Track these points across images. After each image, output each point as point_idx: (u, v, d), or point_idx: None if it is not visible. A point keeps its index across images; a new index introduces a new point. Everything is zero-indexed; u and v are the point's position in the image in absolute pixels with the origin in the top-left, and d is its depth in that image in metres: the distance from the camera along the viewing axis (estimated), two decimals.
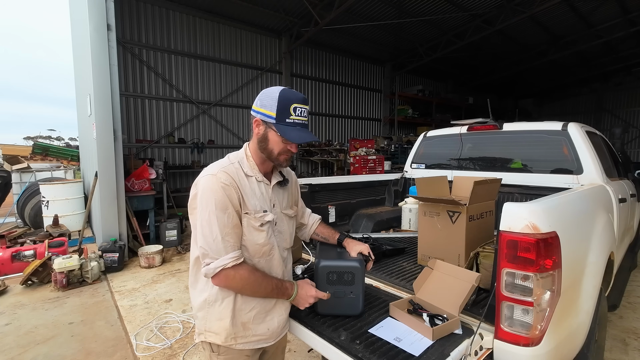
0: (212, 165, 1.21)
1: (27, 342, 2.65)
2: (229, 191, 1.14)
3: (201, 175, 1.18)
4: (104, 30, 4.19)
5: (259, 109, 1.20)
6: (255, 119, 1.22)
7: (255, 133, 1.23)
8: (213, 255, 1.11)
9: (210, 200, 1.11)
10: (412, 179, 3.40)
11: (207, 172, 1.17)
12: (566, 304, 1.28)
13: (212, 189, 1.12)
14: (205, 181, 1.14)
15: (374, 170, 7.64)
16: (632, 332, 2.71)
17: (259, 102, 1.20)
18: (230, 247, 1.13)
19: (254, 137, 1.25)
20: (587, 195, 1.81)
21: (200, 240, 1.12)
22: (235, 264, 1.13)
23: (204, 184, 1.14)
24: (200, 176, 1.18)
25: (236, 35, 9.21)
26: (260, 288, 1.20)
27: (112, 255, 4.09)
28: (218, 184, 1.13)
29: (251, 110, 1.24)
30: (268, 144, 1.22)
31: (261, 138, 1.22)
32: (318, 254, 1.49)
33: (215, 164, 1.22)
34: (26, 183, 7.28)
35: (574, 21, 9.53)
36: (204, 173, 1.18)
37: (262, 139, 1.22)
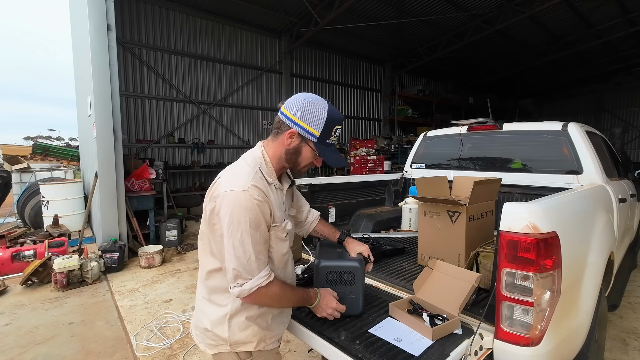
0: (237, 176, 1.10)
1: (27, 342, 2.65)
2: (263, 208, 1.08)
3: (227, 189, 1.06)
4: (104, 30, 4.20)
5: (299, 122, 1.12)
6: (292, 131, 1.13)
7: (286, 143, 1.15)
8: (246, 276, 1.06)
9: (243, 219, 1.03)
10: (412, 179, 3.40)
11: (236, 187, 1.06)
12: (566, 304, 1.28)
13: (245, 207, 1.04)
14: (235, 198, 1.04)
15: (374, 170, 7.65)
16: (632, 332, 2.71)
17: (300, 114, 1.12)
18: (262, 264, 1.09)
19: (281, 145, 1.17)
20: (587, 195, 1.80)
21: (233, 262, 1.05)
22: (269, 282, 1.10)
23: (235, 201, 1.04)
24: (226, 189, 1.06)
25: (236, 35, 9.21)
26: (289, 301, 1.21)
27: (112, 255, 4.09)
28: (251, 201, 1.05)
29: (283, 115, 1.15)
30: (299, 157, 1.18)
31: (292, 150, 1.16)
32: (318, 254, 1.49)
33: (239, 174, 1.12)
34: (26, 183, 7.28)
35: (574, 21, 9.53)
36: (230, 186, 1.07)
37: (293, 152, 1.16)
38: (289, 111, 1.14)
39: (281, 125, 1.16)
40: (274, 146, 1.19)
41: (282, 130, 1.16)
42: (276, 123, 1.18)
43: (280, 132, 1.17)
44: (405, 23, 9.25)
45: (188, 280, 3.87)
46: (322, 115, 1.13)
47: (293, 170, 1.24)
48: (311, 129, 1.12)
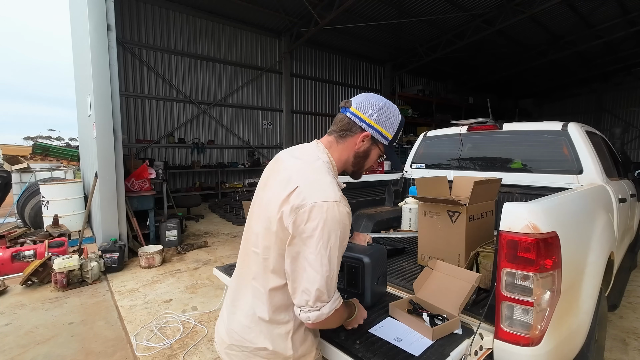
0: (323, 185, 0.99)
1: (27, 342, 2.65)
2: (349, 220, 0.99)
3: (317, 200, 0.93)
4: (104, 30, 4.19)
5: (375, 125, 1.08)
6: (366, 134, 1.09)
7: (357, 147, 1.10)
8: (326, 298, 0.95)
9: (334, 233, 0.93)
10: (412, 179, 3.40)
11: (326, 198, 0.94)
12: (566, 304, 1.28)
13: (338, 220, 0.94)
14: (328, 210, 0.93)
15: (374, 170, 7.63)
16: (632, 332, 2.71)
17: (377, 117, 1.08)
18: (336, 283, 0.99)
19: (350, 148, 1.11)
20: (587, 195, 1.81)
21: (317, 281, 0.92)
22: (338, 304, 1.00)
23: (328, 213, 0.92)
24: (316, 200, 0.93)
25: (236, 35, 9.22)
26: (343, 317, 1.11)
27: (112, 256, 4.09)
28: (344, 214, 0.96)
29: (356, 117, 1.09)
30: (367, 160, 1.14)
31: (362, 154, 1.12)
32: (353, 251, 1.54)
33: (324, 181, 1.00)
34: (26, 183, 7.28)
35: (574, 21, 9.53)
36: (320, 197, 0.94)
37: (363, 155, 1.12)
38: (364, 113, 1.08)
39: (352, 127, 1.10)
40: (340, 149, 1.12)
41: (353, 133, 1.10)
42: (344, 124, 1.11)
43: (351, 135, 1.10)
44: (405, 23, 9.26)
45: (188, 280, 3.87)
46: (397, 119, 1.12)
47: (355, 174, 1.20)
48: (386, 132, 1.10)
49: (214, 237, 5.80)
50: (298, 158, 1.10)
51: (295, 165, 1.06)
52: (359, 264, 1.46)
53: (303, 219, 0.92)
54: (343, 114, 1.12)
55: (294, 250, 0.95)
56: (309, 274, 0.93)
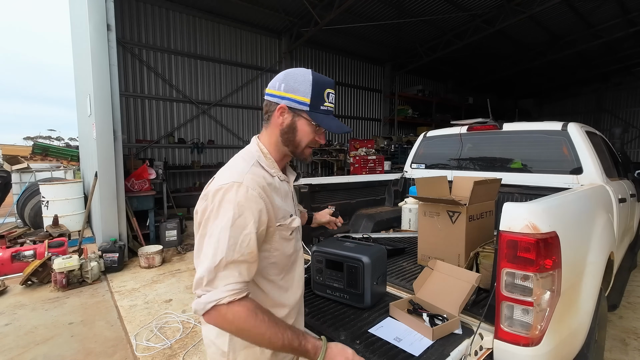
0: (230, 170, 0.96)
1: (27, 343, 2.65)
2: (257, 204, 0.91)
3: (218, 184, 0.91)
4: (104, 30, 4.19)
5: (284, 94, 1.00)
6: (280, 106, 1.01)
7: (278, 123, 1.03)
8: (206, 286, 0.85)
9: (227, 213, 0.87)
10: (412, 179, 3.40)
11: (229, 179, 0.91)
12: (566, 304, 1.28)
13: (233, 200, 0.88)
14: (225, 191, 0.89)
15: (374, 170, 7.64)
16: (632, 332, 2.71)
17: (284, 85, 1.00)
18: (233, 277, 0.86)
19: (274, 128, 1.04)
20: (587, 196, 1.81)
21: (202, 264, 0.86)
22: (232, 300, 0.84)
23: (224, 194, 0.89)
24: (216, 185, 0.91)
25: (236, 35, 9.21)
26: (264, 337, 0.86)
27: (112, 256, 4.09)
28: (245, 195, 0.89)
29: (268, 95, 1.04)
30: (296, 135, 1.03)
31: (287, 129, 1.02)
32: (344, 249, 1.56)
33: (233, 167, 0.98)
34: (26, 183, 7.28)
35: (574, 21, 9.53)
36: (222, 180, 0.92)
37: (288, 130, 1.03)
38: (273, 88, 1.03)
39: (270, 107, 1.04)
40: (267, 133, 1.06)
41: (272, 111, 1.04)
42: (265, 107, 1.06)
43: (271, 114, 1.04)
44: (405, 23, 9.26)
45: (188, 280, 3.87)
46: (308, 79, 1.00)
47: (296, 155, 1.08)
48: (299, 97, 1.00)
49: None
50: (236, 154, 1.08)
51: None
52: (358, 264, 1.46)
53: (208, 204, 0.91)
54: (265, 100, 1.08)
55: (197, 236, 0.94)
56: (199, 255, 0.89)
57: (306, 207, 2.51)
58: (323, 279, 1.60)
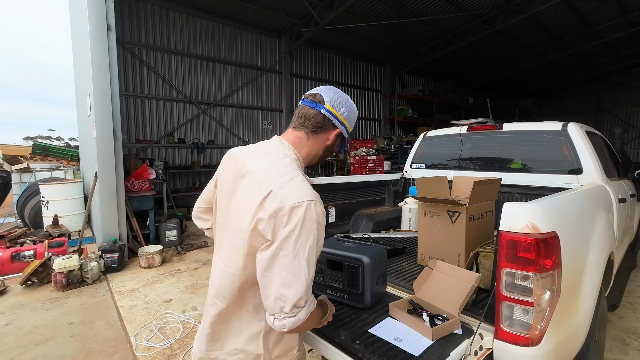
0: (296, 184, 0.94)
1: (27, 343, 2.64)
2: (324, 219, 0.95)
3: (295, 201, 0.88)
4: (104, 31, 4.19)
5: (344, 121, 1.12)
6: (338, 131, 1.12)
7: (329, 142, 1.12)
8: (302, 304, 0.89)
9: (312, 233, 0.89)
10: (412, 179, 3.40)
11: (303, 198, 0.90)
12: (566, 304, 1.28)
13: (315, 220, 0.90)
14: (306, 210, 0.88)
15: (374, 170, 7.64)
16: (632, 332, 2.71)
17: (347, 113, 1.12)
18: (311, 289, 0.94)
19: (320, 143, 1.11)
20: (587, 196, 1.81)
21: (297, 286, 0.87)
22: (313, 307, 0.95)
23: (306, 214, 0.88)
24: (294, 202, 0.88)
25: (236, 35, 9.22)
26: (316, 319, 1.05)
27: (112, 256, 4.09)
28: (320, 213, 0.92)
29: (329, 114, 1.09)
30: (330, 152, 1.18)
31: (330, 147, 1.15)
32: (344, 249, 1.56)
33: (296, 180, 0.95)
34: (26, 183, 7.29)
35: (574, 21, 9.54)
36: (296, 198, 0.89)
37: (331, 148, 1.15)
38: (338, 111, 1.09)
39: (326, 124, 1.09)
40: (309, 144, 1.10)
41: (326, 129, 1.10)
42: (318, 121, 1.08)
43: (324, 131, 1.10)
44: (405, 23, 9.26)
45: (188, 280, 3.87)
46: (356, 113, 1.19)
47: (315, 164, 1.18)
48: (349, 127, 1.15)
49: None
50: (262, 158, 1.04)
51: (263, 167, 1.00)
52: (358, 264, 1.46)
53: (282, 222, 0.87)
54: (316, 110, 1.08)
55: (268, 255, 0.89)
56: (284, 279, 0.87)
57: None
58: (323, 279, 1.60)
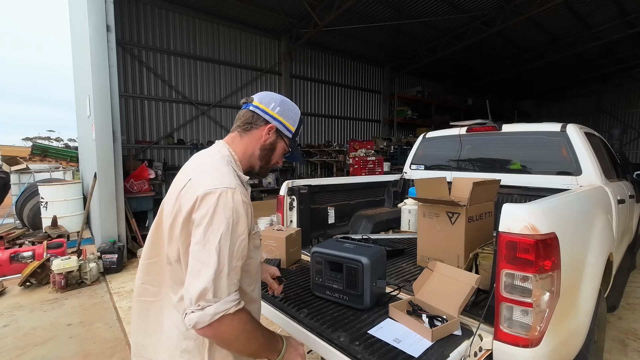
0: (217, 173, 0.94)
1: (26, 344, 2.64)
2: (248, 210, 0.93)
3: (206, 187, 0.88)
4: (104, 31, 4.20)
5: (278, 116, 1.11)
6: (271, 126, 1.10)
7: (261, 139, 1.10)
8: (211, 297, 0.83)
9: (225, 220, 0.86)
10: (411, 180, 3.40)
11: (220, 185, 0.89)
12: (565, 305, 1.28)
13: (230, 207, 0.87)
14: (220, 197, 0.87)
15: (373, 171, 7.65)
16: (631, 333, 2.71)
17: (280, 110, 1.11)
18: (234, 285, 0.88)
19: (255, 141, 1.10)
20: (586, 197, 1.81)
21: (203, 275, 0.83)
22: (238, 309, 0.87)
23: (219, 200, 0.87)
24: (204, 188, 0.88)
25: (235, 36, 9.23)
26: (255, 339, 0.92)
27: (111, 257, 4.08)
28: (238, 201, 0.89)
29: (258, 109, 1.10)
30: (273, 154, 1.15)
31: (268, 146, 1.12)
32: (343, 250, 1.56)
33: (218, 170, 0.96)
34: (25, 184, 7.27)
35: (573, 23, 9.56)
36: (209, 184, 0.89)
37: (269, 147, 1.12)
38: (267, 106, 1.11)
39: (256, 120, 1.10)
40: (244, 142, 1.10)
41: (258, 125, 1.10)
42: (247, 118, 1.10)
43: (255, 127, 1.10)
44: (404, 24, 9.28)
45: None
46: (297, 112, 1.17)
47: (262, 170, 1.16)
48: (289, 124, 1.13)
49: None
50: (197, 157, 1.09)
51: (192, 163, 1.07)
52: (358, 265, 1.46)
53: (194, 209, 0.87)
54: (245, 109, 1.13)
55: (184, 244, 0.89)
56: (192, 267, 0.84)
57: (305, 207, 2.51)
58: (322, 280, 1.60)
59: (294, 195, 2.43)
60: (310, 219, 2.55)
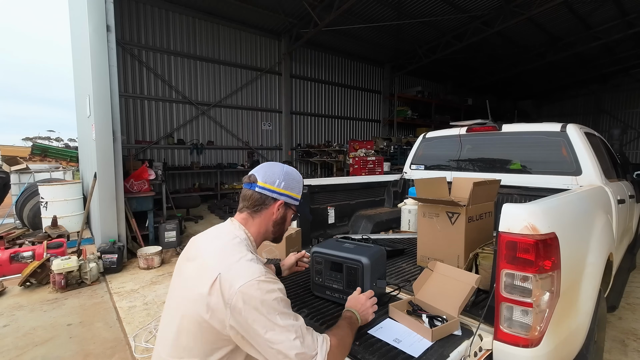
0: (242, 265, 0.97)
1: (26, 344, 2.64)
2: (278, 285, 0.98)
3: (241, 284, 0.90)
4: (104, 31, 4.19)
5: (284, 191, 1.15)
6: (280, 202, 1.15)
7: (274, 216, 1.16)
8: (311, 352, 0.91)
9: (274, 303, 0.92)
10: (411, 180, 3.40)
11: (250, 277, 0.92)
12: (565, 305, 1.28)
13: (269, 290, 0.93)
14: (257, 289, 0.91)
15: (373, 171, 7.65)
16: (631, 333, 2.71)
17: (284, 183, 1.15)
18: (312, 333, 0.98)
19: (267, 219, 1.15)
20: (586, 197, 1.81)
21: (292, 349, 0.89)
22: (329, 342, 0.98)
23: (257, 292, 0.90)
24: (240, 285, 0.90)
25: (235, 36, 9.23)
26: (349, 340, 1.08)
27: (111, 257, 4.08)
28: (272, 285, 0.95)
29: (265, 190, 1.13)
30: (285, 224, 1.21)
31: (280, 220, 1.18)
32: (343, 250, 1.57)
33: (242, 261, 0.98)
34: (25, 184, 7.27)
35: (573, 23, 9.57)
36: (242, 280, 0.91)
37: (281, 221, 1.19)
38: (272, 184, 1.14)
39: (265, 200, 1.14)
40: (257, 223, 1.15)
41: (267, 205, 1.15)
42: (255, 200, 1.14)
43: (265, 207, 1.15)
44: (404, 24, 9.28)
45: None
46: (300, 180, 1.22)
47: (276, 239, 1.24)
48: (295, 194, 1.19)
49: None
50: (215, 239, 1.09)
51: (211, 249, 1.05)
52: (358, 265, 1.46)
53: (239, 309, 0.89)
54: (251, 190, 1.15)
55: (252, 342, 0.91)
56: (278, 350, 0.89)
57: (305, 207, 2.51)
58: (322, 280, 1.60)
59: None
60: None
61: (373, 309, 1.30)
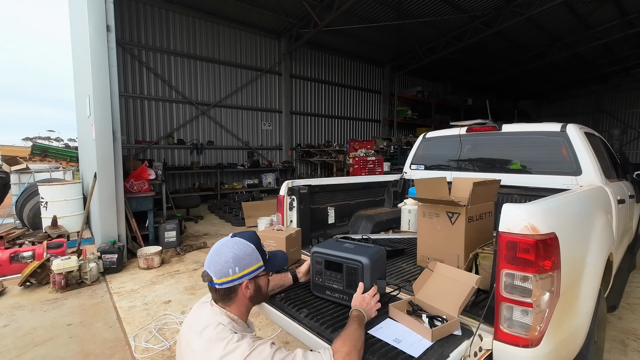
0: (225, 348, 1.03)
1: (26, 344, 2.63)
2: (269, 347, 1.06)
3: None
4: (104, 31, 4.19)
5: (242, 273, 1.14)
6: (245, 283, 1.15)
7: (247, 295, 1.17)
8: None
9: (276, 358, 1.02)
10: (411, 180, 3.40)
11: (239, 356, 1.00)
12: (565, 305, 1.28)
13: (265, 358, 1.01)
14: None
15: (373, 171, 7.65)
16: (631, 333, 2.71)
17: (238, 268, 1.13)
18: (314, 354, 1.07)
19: (242, 300, 1.17)
20: (586, 197, 1.81)
21: None
22: (331, 351, 1.07)
23: None
24: None
25: (235, 36, 9.23)
26: (360, 340, 1.14)
27: (111, 257, 4.08)
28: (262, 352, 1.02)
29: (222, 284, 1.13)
30: (262, 290, 1.23)
31: (255, 293, 1.19)
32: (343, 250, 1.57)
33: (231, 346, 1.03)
34: (25, 184, 7.26)
35: (573, 23, 9.57)
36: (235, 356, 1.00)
37: (256, 293, 1.20)
38: (227, 276, 1.13)
39: (230, 290, 1.14)
40: (236, 307, 1.17)
41: (235, 291, 1.15)
42: (221, 295, 1.15)
43: (234, 294, 1.16)
44: (404, 25, 9.29)
45: (187, 281, 3.86)
46: (252, 248, 1.18)
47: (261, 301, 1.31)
48: (255, 266, 1.18)
49: (213, 238, 5.79)
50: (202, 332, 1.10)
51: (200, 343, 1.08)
52: (358, 265, 1.46)
53: None
54: (213, 287, 1.15)
55: None
56: None
57: (305, 207, 2.51)
58: (322, 280, 1.60)
59: (294, 195, 2.43)
60: (310, 219, 2.55)
61: (377, 306, 1.38)
